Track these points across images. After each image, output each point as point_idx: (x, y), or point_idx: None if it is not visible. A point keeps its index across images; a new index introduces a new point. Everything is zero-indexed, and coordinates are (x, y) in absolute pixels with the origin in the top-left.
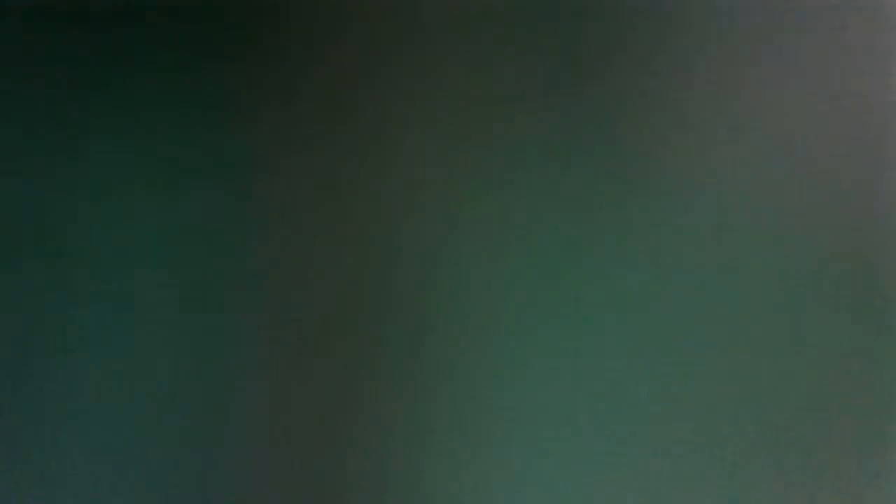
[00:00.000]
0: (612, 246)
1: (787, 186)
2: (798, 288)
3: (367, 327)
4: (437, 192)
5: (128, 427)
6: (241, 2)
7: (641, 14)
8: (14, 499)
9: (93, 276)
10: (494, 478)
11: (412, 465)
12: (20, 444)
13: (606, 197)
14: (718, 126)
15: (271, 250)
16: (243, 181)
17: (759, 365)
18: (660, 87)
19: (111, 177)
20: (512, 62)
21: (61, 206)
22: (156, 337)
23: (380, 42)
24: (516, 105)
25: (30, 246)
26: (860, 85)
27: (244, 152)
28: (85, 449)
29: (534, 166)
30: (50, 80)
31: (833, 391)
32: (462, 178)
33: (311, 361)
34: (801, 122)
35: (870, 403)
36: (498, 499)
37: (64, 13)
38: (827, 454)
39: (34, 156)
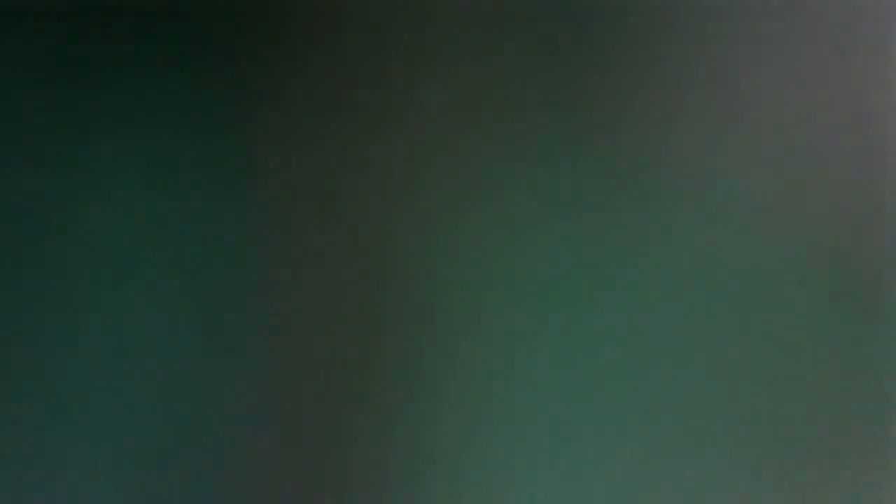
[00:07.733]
0: (612, 246)
1: (787, 187)
2: (798, 288)
3: (366, 327)
4: (437, 192)
5: (128, 426)
6: (240, 2)
7: (641, 14)
8: (14, 499)
9: (92, 276)
10: (495, 478)
11: (412, 464)
12: (20, 444)
13: (606, 197)
14: (718, 126)
15: (272, 250)
16: (243, 181)
17: (759, 364)
18: (660, 87)
19: (111, 177)
20: (512, 62)
21: (61, 206)
22: (155, 336)
23: (379, 42)
24: (516, 105)
25: (29, 246)
26: (860, 85)
27: (244, 152)
28: (85, 448)
29: (533, 166)
30: (50, 80)
31: (833, 391)
32: (461, 178)
33: (311, 361)
34: (801, 123)
35: (872, 404)
36: (499, 499)
37: (64, 13)
38: (827, 455)
39: (34, 156)
